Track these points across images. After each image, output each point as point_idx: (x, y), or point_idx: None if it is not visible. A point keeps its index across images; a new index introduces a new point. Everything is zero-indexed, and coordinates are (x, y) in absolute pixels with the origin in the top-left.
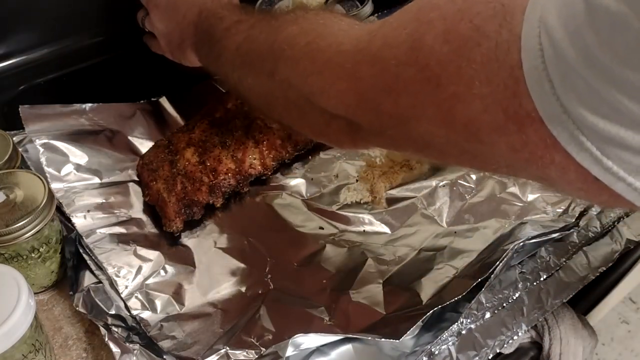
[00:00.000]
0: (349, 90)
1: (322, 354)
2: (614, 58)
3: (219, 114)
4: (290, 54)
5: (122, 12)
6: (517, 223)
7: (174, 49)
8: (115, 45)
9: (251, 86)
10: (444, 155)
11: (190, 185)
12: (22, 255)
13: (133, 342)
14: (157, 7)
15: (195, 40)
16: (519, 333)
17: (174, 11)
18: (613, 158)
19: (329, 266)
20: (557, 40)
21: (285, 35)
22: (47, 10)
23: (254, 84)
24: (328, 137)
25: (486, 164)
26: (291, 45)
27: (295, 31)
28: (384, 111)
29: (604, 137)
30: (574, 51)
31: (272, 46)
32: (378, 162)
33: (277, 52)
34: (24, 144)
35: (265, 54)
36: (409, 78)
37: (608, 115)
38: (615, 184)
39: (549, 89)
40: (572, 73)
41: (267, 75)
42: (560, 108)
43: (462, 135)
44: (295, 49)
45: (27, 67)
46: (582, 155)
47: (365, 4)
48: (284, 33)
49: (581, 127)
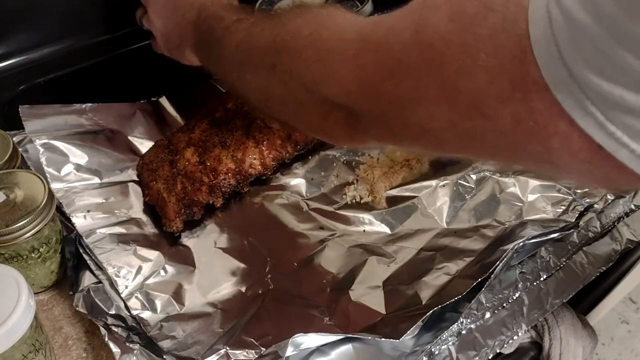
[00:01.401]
0: (351, 76)
1: (322, 354)
2: (623, 13)
3: (219, 114)
4: (293, 44)
5: (122, 12)
6: (517, 223)
7: (172, 48)
8: (115, 45)
9: (249, 82)
10: (441, 143)
11: (190, 185)
12: (22, 255)
13: (133, 342)
14: (156, 6)
15: (194, 41)
16: (519, 333)
17: (172, 12)
18: (617, 123)
19: (329, 266)
20: (566, 4)
21: (289, 28)
22: (47, 10)
23: (253, 79)
24: (325, 132)
25: (485, 147)
26: (294, 36)
27: (299, 23)
28: (384, 96)
29: (608, 100)
30: (583, 13)
31: (275, 39)
32: (378, 162)
33: (280, 44)
34: (24, 144)
35: (267, 48)
36: (411, 61)
37: (613, 76)
38: (618, 150)
39: (555, 54)
40: (579, 35)
41: (267, 69)
42: (566, 72)
43: (465, 112)
44: (298, 39)
45: (27, 67)
46: (586, 120)
47: (365, 3)
48: (287, 26)
49: (586, 90)
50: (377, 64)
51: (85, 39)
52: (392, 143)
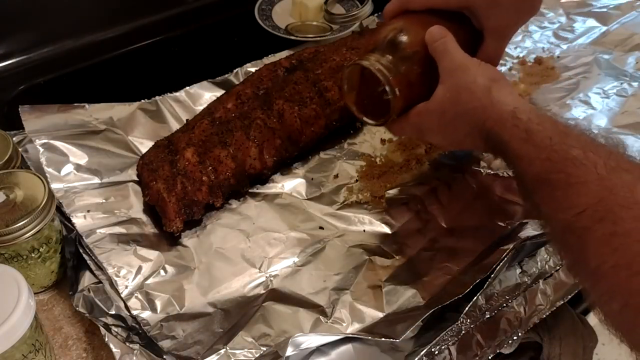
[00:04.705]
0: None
1: (322, 353)
2: None
3: (219, 114)
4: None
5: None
6: (517, 223)
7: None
8: (115, 45)
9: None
10: None
11: (190, 185)
12: (22, 255)
13: (133, 342)
14: (431, 134)
15: (485, 149)
16: (519, 333)
17: (452, 135)
18: None
19: (329, 266)
20: None
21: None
22: (47, 10)
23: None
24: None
25: None
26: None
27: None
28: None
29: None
30: None
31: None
32: (378, 162)
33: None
34: (24, 144)
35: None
36: None
37: None
38: None
39: None
40: None
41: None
42: None
43: None
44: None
45: (27, 67)
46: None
47: (365, 3)
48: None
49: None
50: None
51: (85, 39)
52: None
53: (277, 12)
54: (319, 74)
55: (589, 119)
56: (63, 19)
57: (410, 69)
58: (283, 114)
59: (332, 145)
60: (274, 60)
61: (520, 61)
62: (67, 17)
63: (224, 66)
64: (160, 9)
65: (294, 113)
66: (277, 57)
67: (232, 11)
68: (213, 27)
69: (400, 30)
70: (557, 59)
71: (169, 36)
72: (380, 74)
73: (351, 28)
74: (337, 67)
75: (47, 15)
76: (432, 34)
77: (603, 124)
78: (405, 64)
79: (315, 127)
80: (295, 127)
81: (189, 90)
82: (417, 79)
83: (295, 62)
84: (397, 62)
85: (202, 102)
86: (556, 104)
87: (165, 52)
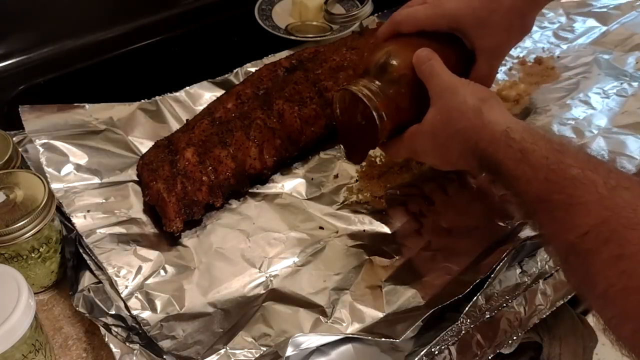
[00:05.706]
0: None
1: (322, 353)
2: None
3: (219, 114)
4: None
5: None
6: (516, 223)
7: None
8: (115, 45)
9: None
10: None
11: (190, 185)
12: (22, 255)
13: (133, 342)
14: (425, 156)
15: (480, 169)
16: (519, 333)
17: (445, 156)
18: None
19: (329, 266)
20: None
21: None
22: (47, 10)
23: (557, 249)
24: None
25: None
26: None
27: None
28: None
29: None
30: None
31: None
32: (378, 162)
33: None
34: (24, 144)
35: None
36: None
37: None
38: None
39: None
40: None
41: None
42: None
43: None
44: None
45: (27, 67)
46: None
47: (365, 3)
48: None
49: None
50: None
51: (85, 39)
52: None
53: (277, 12)
54: (319, 74)
55: (589, 119)
56: (63, 19)
57: (398, 92)
58: (283, 114)
59: (332, 145)
60: (274, 60)
61: (520, 61)
62: (67, 17)
63: (224, 66)
64: (160, 9)
65: (294, 113)
66: (277, 57)
67: (232, 11)
68: (213, 27)
69: (390, 54)
70: (557, 59)
71: (169, 36)
72: (366, 98)
73: (351, 28)
74: (337, 67)
75: (47, 15)
76: (419, 57)
77: (603, 124)
78: (393, 87)
79: (315, 127)
80: (295, 127)
81: (189, 90)
82: (406, 102)
83: (295, 62)
84: (385, 85)
85: (202, 102)
86: (556, 104)
87: (165, 52)
